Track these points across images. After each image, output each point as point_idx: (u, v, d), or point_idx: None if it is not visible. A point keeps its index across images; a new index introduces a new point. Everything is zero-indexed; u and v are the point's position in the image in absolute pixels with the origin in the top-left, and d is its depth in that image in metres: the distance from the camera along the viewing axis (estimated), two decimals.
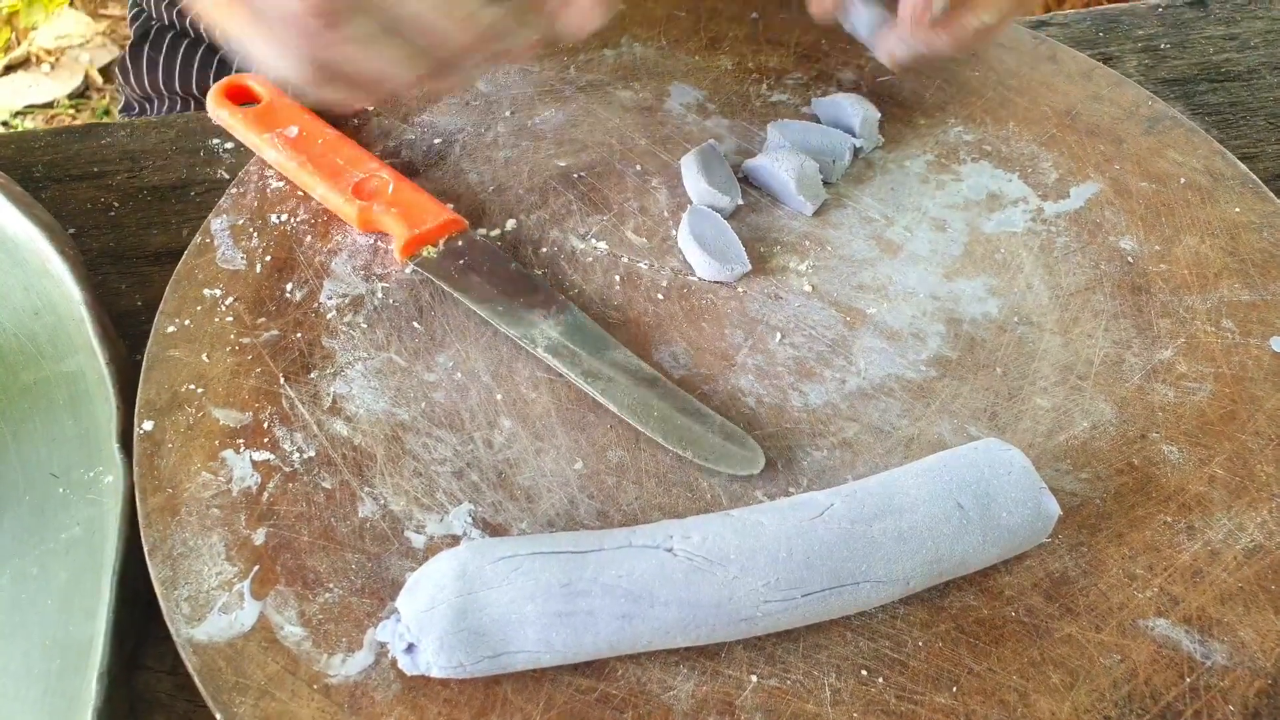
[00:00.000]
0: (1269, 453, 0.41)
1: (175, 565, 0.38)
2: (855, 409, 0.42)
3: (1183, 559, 0.38)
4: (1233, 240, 0.48)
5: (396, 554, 0.38)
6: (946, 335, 0.45)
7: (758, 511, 0.35)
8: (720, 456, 0.40)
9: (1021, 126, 0.53)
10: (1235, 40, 0.66)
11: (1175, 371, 0.43)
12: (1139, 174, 0.51)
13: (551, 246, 0.48)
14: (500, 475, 0.40)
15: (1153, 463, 0.41)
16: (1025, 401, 0.42)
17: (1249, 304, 0.45)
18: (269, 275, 0.47)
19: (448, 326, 0.45)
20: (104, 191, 0.57)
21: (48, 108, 2.00)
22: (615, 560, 0.34)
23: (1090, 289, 0.46)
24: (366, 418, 0.42)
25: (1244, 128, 0.60)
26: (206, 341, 0.44)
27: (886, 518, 0.35)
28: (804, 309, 0.46)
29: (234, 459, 0.41)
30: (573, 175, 0.51)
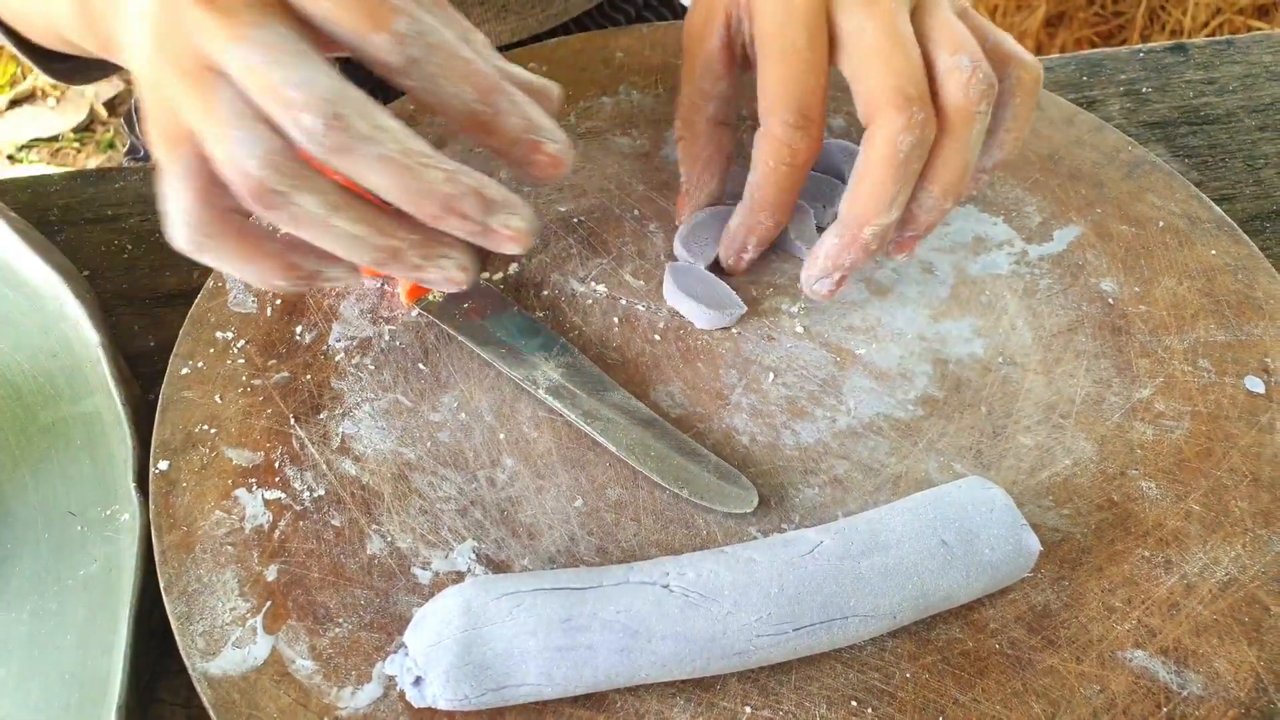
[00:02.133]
0: (1243, 489, 0.42)
1: (190, 601, 0.39)
2: (845, 447, 0.44)
3: (1160, 592, 0.39)
4: (1209, 282, 0.49)
5: (403, 590, 0.40)
6: (933, 375, 0.46)
7: (750, 548, 0.37)
8: (715, 495, 0.42)
9: (1006, 171, 0.55)
10: (1214, 84, 0.68)
11: (1154, 410, 0.45)
12: (1119, 217, 0.52)
13: (552, 289, 0.50)
14: (503, 513, 0.42)
15: (1132, 499, 0.42)
16: (1009, 440, 0.44)
17: (1224, 344, 0.47)
18: (279, 319, 0.48)
19: (452, 368, 0.47)
20: (118, 234, 0.59)
21: (52, 141, 2.03)
22: (614, 596, 0.35)
23: (1072, 330, 0.48)
24: (374, 457, 0.44)
25: (1222, 169, 0.62)
26: (219, 383, 0.46)
27: (874, 554, 0.36)
28: (796, 350, 0.47)
29: (246, 498, 0.42)
30: (573, 220, 0.53)
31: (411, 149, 0.35)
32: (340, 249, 0.36)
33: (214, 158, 0.35)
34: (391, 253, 0.36)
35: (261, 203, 0.35)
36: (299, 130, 0.34)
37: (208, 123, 0.35)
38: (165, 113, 0.37)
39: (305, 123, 0.33)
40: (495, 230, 0.36)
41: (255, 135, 0.34)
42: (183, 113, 0.36)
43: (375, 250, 0.36)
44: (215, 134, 0.35)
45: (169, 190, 0.36)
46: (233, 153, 0.34)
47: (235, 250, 0.37)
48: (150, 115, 0.37)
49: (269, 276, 0.37)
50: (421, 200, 0.35)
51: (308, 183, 0.35)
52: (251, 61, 0.34)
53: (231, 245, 0.37)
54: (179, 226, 0.36)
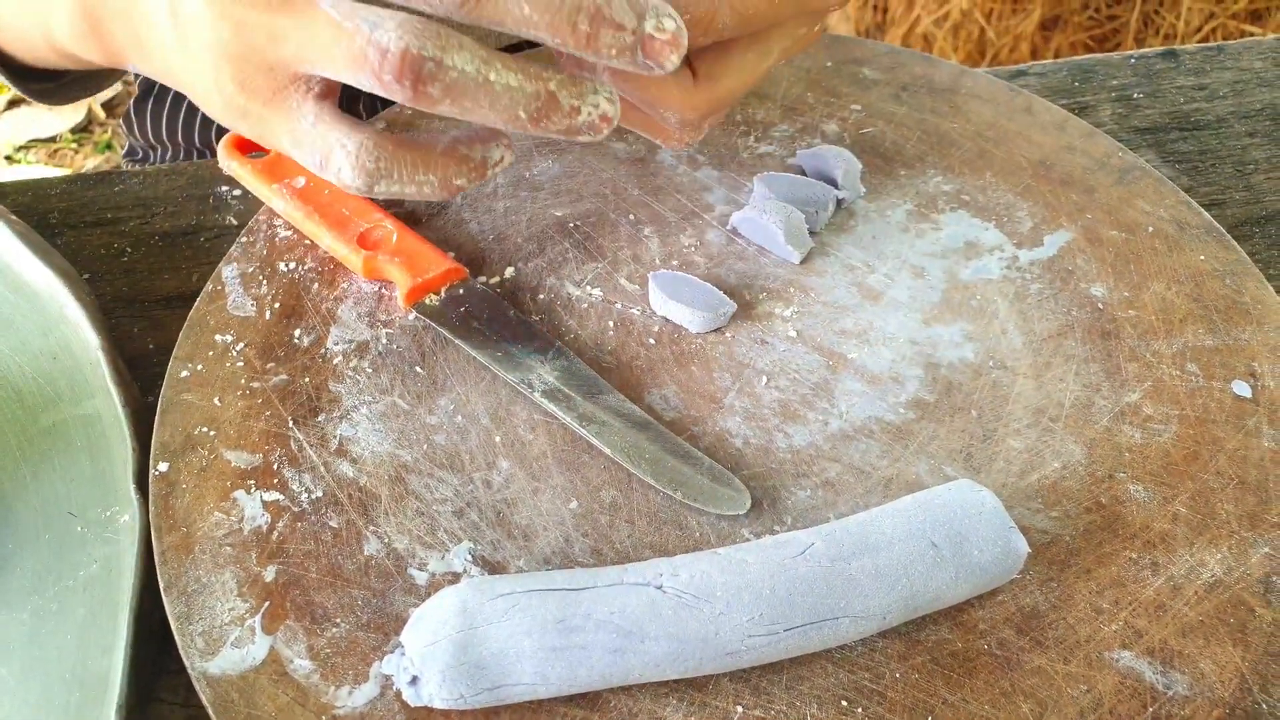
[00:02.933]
0: (1229, 492, 0.43)
1: (190, 602, 0.40)
2: (837, 450, 0.44)
3: (1147, 594, 0.40)
4: (1197, 287, 0.50)
5: (400, 590, 0.40)
6: (924, 379, 0.47)
7: (743, 550, 0.37)
8: (709, 497, 0.42)
9: (998, 177, 0.55)
10: (1204, 90, 0.68)
11: (1142, 414, 0.45)
12: (1109, 223, 0.53)
13: (548, 293, 0.50)
14: (499, 514, 0.42)
15: (1120, 501, 0.43)
16: (999, 443, 0.45)
17: (1212, 349, 0.48)
18: (278, 322, 0.49)
19: (449, 371, 0.47)
20: (117, 237, 0.60)
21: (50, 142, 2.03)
22: (608, 597, 0.36)
23: (1062, 334, 0.48)
24: (371, 459, 0.44)
25: (1212, 175, 0.63)
26: (218, 386, 0.47)
27: (864, 556, 0.37)
28: (789, 353, 0.48)
29: (245, 499, 0.43)
30: (569, 224, 0.53)
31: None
32: (499, 109, 0.35)
33: (343, 65, 0.34)
34: (548, 98, 0.35)
35: (413, 76, 0.33)
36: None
37: (318, 39, 0.34)
38: (256, 69, 0.36)
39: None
40: (650, 36, 0.35)
41: (380, 14, 0.34)
42: (281, 50, 0.35)
43: (532, 98, 0.35)
44: (333, 41, 0.34)
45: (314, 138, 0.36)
46: (365, 40, 0.33)
47: (410, 163, 0.37)
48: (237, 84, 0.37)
49: (450, 178, 0.38)
50: (574, 16, 0.33)
51: (454, 39, 0.34)
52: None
53: (404, 160, 0.37)
54: (346, 168, 0.36)
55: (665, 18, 0.35)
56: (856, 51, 0.63)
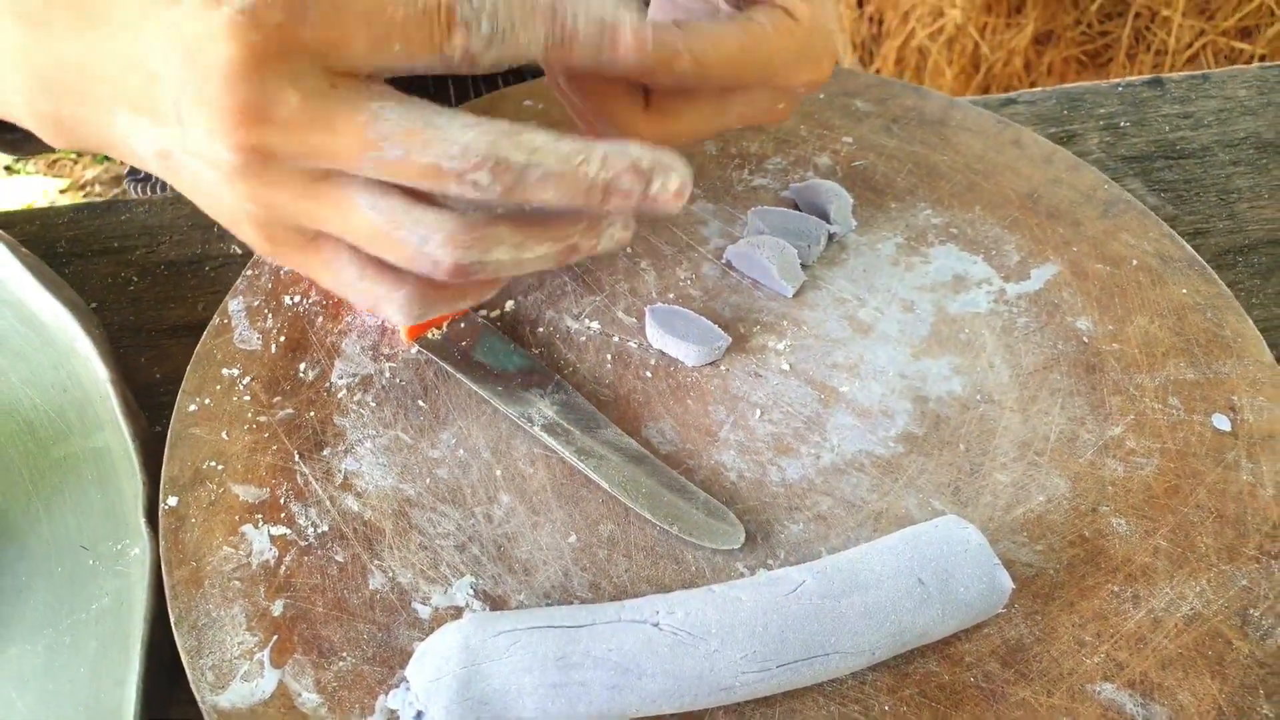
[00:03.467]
0: (1208, 525, 0.44)
1: (200, 635, 0.41)
2: (829, 484, 0.46)
3: (1128, 626, 0.41)
4: (1180, 321, 0.51)
5: (404, 624, 0.41)
6: (914, 413, 0.48)
7: (737, 588, 0.39)
8: (704, 532, 0.43)
9: (986, 210, 0.57)
10: (1190, 119, 0.70)
11: (1125, 447, 0.47)
12: (1095, 256, 0.54)
13: (547, 326, 0.52)
14: (499, 548, 0.44)
15: (1102, 535, 0.44)
16: (986, 477, 0.46)
17: (1193, 382, 0.49)
18: (283, 355, 0.50)
19: (451, 405, 0.48)
20: (124, 266, 0.61)
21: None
22: (605, 634, 0.37)
23: (1048, 368, 0.50)
24: (375, 493, 0.45)
25: (1197, 204, 0.64)
26: (226, 420, 0.48)
27: (854, 594, 0.38)
28: (782, 387, 0.49)
29: (253, 533, 0.44)
30: None
31: (564, 153, 0.36)
32: (531, 270, 0.39)
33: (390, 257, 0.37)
34: (572, 250, 0.39)
35: (461, 277, 0.37)
36: (470, 189, 0.35)
37: (357, 230, 0.36)
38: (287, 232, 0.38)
39: (478, 180, 0.35)
40: (655, 197, 0.37)
41: (425, 225, 0.36)
42: (308, 223, 0.37)
43: (560, 255, 0.39)
44: (376, 239, 0.36)
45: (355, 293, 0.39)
46: (414, 253, 0.36)
47: (451, 299, 0.40)
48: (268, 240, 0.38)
49: (485, 295, 0.42)
50: (588, 196, 0.36)
51: (492, 238, 0.37)
52: (393, 159, 0.34)
53: (447, 298, 0.40)
54: (395, 315, 0.39)
55: (670, 177, 0.37)
56: (848, 83, 0.64)
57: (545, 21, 0.37)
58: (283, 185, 0.36)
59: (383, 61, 0.35)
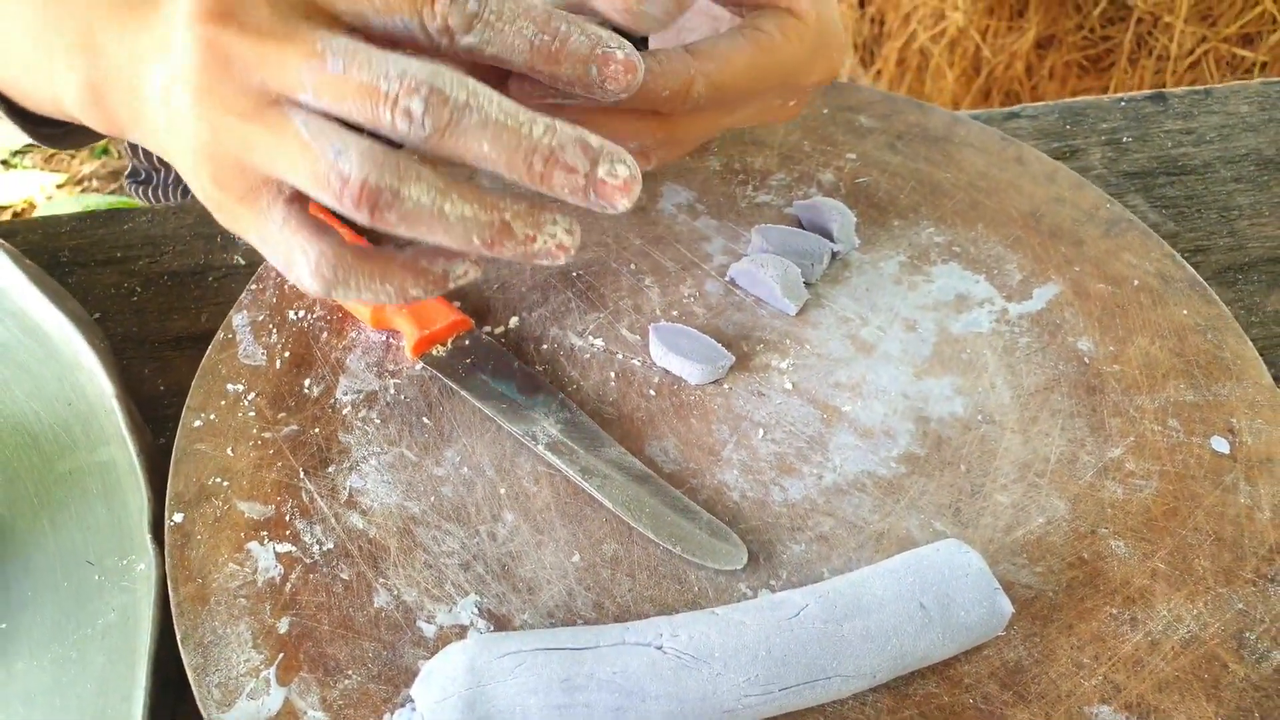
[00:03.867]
0: (1206, 548, 0.45)
1: (206, 653, 0.41)
2: (831, 504, 0.46)
3: (1125, 649, 0.42)
4: (1180, 342, 0.52)
5: (409, 643, 0.42)
6: (915, 433, 0.48)
7: (740, 611, 0.39)
8: (707, 552, 0.44)
9: (989, 228, 0.57)
10: (1192, 134, 0.70)
11: (1124, 469, 0.47)
12: (1097, 276, 0.55)
13: (552, 343, 0.52)
14: (504, 567, 0.44)
15: (1101, 557, 0.44)
16: (987, 498, 0.46)
17: (1193, 404, 0.49)
18: (288, 371, 0.50)
19: (455, 422, 0.49)
20: (127, 276, 0.61)
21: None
22: (610, 657, 0.38)
23: (1049, 388, 0.50)
24: (380, 511, 0.46)
25: (1198, 220, 0.64)
26: (231, 436, 0.48)
27: (855, 618, 0.39)
28: (785, 406, 0.49)
29: (259, 550, 0.44)
30: (571, 274, 0.55)
31: (508, 108, 0.35)
32: (453, 236, 0.36)
33: (307, 183, 0.36)
34: (501, 228, 0.37)
35: (370, 204, 0.35)
36: (401, 118, 0.34)
37: (287, 153, 0.36)
38: (231, 170, 0.38)
39: (410, 107, 0.34)
40: (602, 181, 0.36)
41: (346, 140, 0.35)
42: (252, 157, 0.37)
43: (486, 227, 0.36)
44: (300, 158, 0.36)
45: (278, 242, 0.38)
46: (329, 166, 0.35)
47: (368, 274, 0.38)
48: (215, 176, 0.38)
49: (406, 289, 0.39)
50: (529, 157, 0.35)
51: (412, 170, 0.35)
52: (335, 71, 0.35)
53: (362, 271, 0.38)
54: (305, 274, 0.37)
55: (619, 164, 0.36)
56: (852, 98, 0.64)
57: (537, 23, 0.37)
58: (231, 103, 0.36)
59: (362, 8, 0.36)
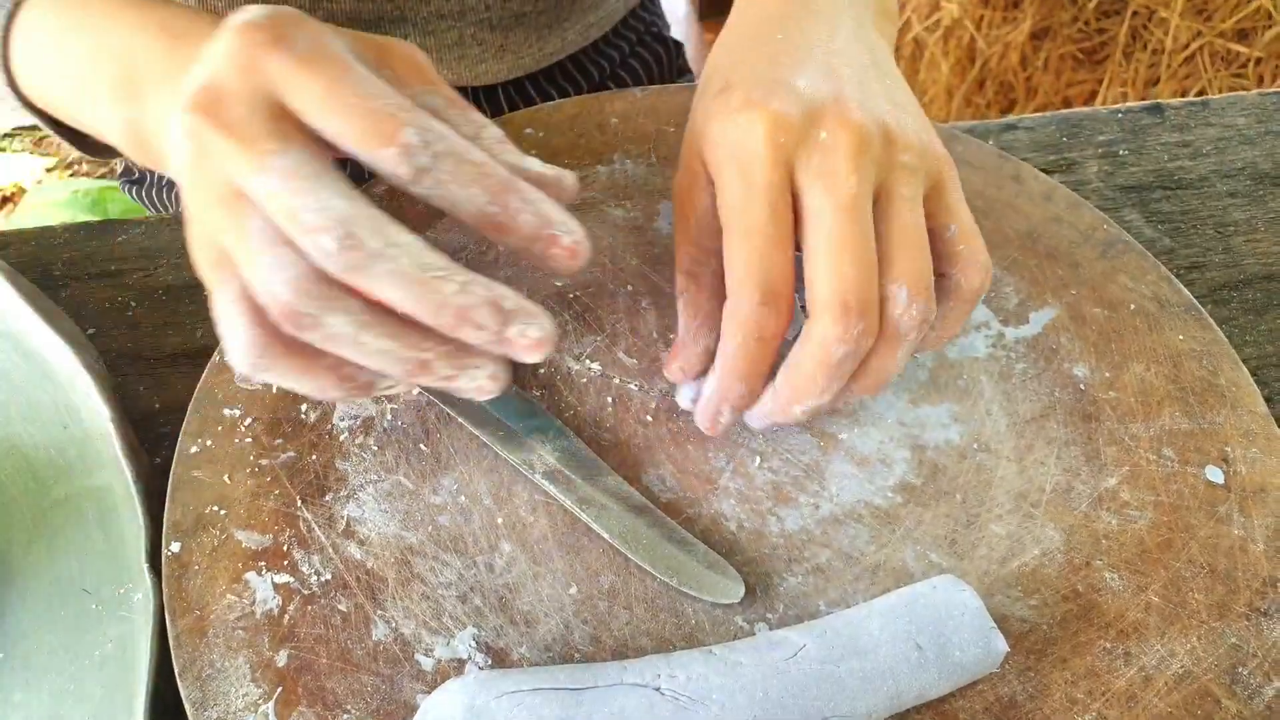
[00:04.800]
0: (1200, 581, 0.45)
1: (204, 687, 0.41)
2: (827, 535, 0.46)
3: (1119, 684, 0.42)
4: (1175, 368, 0.52)
5: (408, 676, 0.42)
6: (911, 461, 0.49)
7: (737, 651, 0.39)
8: (704, 585, 0.44)
9: (988, 249, 0.57)
10: (1188, 147, 0.70)
11: (1119, 499, 0.47)
12: (1093, 299, 0.55)
13: (548, 367, 0.52)
14: (501, 599, 0.44)
15: (1096, 589, 0.45)
16: (982, 529, 0.46)
17: (1188, 432, 0.49)
18: (284, 396, 0.50)
19: (452, 449, 0.49)
20: (121, 290, 0.61)
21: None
22: (608, 698, 0.38)
23: (1045, 416, 0.50)
24: (378, 540, 0.46)
25: (1194, 236, 0.64)
26: (228, 463, 0.48)
27: (853, 658, 0.39)
28: (781, 433, 0.49)
29: (256, 581, 0.44)
30: (568, 295, 0.54)
31: (425, 262, 0.36)
32: (373, 363, 0.38)
33: (249, 283, 0.37)
34: (421, 365, 0.38)
35: (293, 324, 0.37)
36: (317, 251, 0.36)
37: (241, 248, 0.37)
38: (207, 238, 0.39)
39: (322, 243, 0.35)
40: (512, 340, 0.37)
41: (282, 260, 0.36)
42: (221, 238, 0.38)
43: (404, 362, 0.38)
44: (248, 259, 0.37)
45: (221, 316, 0.38)
46: (264, 278, 0.36)
47: (292, 368, 0.38)
48: (195, 240, 0.40)
49: (327, 389, 0.39)
50: (437, 312, 0.37)
51: (335, 303, 0.37)
52: (272, 188, 0.36)
53: (288, 364, 0.38)
54: (235, 351, 0.38)
55: (530, 326, 0.37)
56: None
57: (490, 192, 0.38)
58: (208, 187, 0.38)
59: (323, 127, 0.37)
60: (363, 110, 0.37)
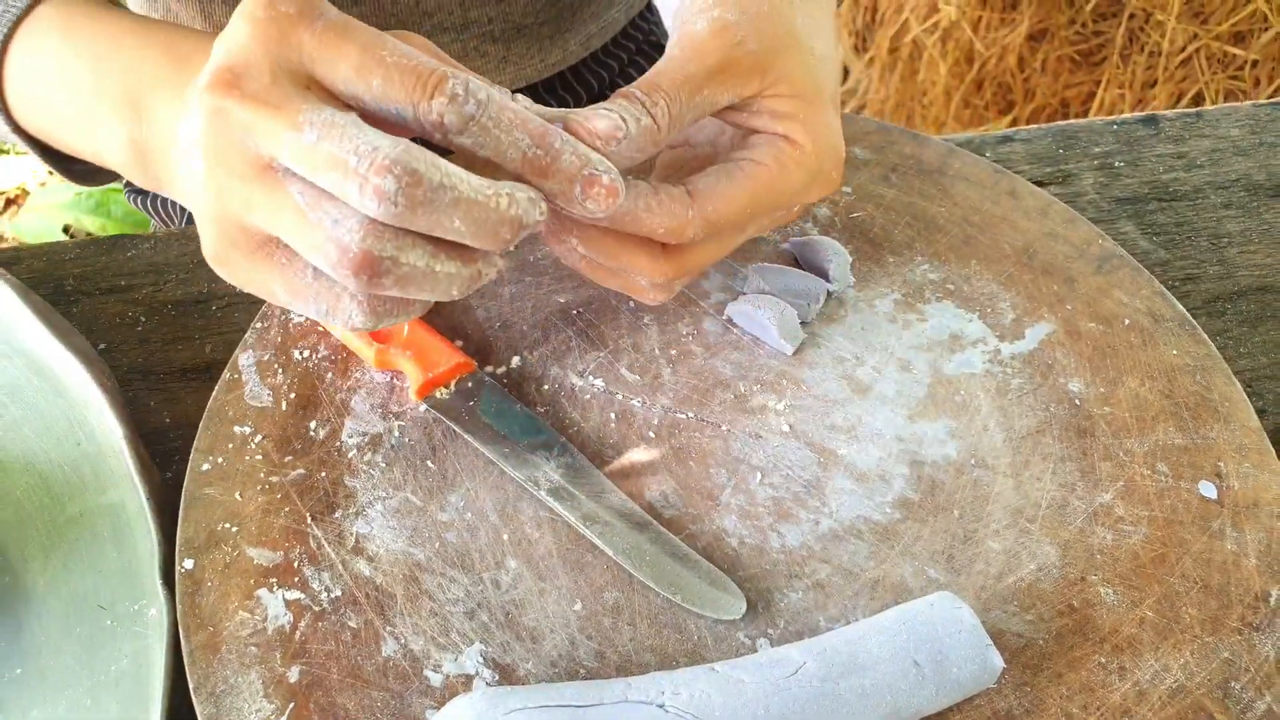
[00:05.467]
0: (1193, 595, 0.46)
1: (218, 703, 0.42)
2: (827, 550, 0.47)
3: (1114, 699, 0.43)
4: (1170, 383, 0.53)
5: (417, 692, 0.43)
6: (909, 477, 0.49)
7: (739, 668, 0.40)
8: (706, 601, 0.45)
9: (983, 265, 0.58)
10: (1183, 159, 0.71)
11: (1114, 515, 0.48)
12: (1088, 314, 0.56)
13: (553, 384, 0.53)
14: (507, 615, 0.45)
15: (1091, 604, 0.46)
16: (979, 545, 0.47)
17: (1181, 447, 0.50)
18: (294, 413, 0.51)
19: (459, 466, 0.49)
20: (130, 305, 0.61)
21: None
22: (613, 715, 0.39)
23: (1040, 431, 0.51)
24: (387, 557, 0.46)
25: (1188, 248, 0.65)
26: (239, 480, 0.49)
27: (852, 676, 0.40)
28: (782, 449, 0.50)
29: (268, 598, 0.45)
30: (571, 311, 0.55)
31: (476, 184, 0.38)
32: (438, 291, 0.40)
33: (304, 248, 0.38)
34: (476, 276, 0.41)
35: (369, 273, 0.37)
36: (374, 196, 0.36)
37: (283, 219, 0.38)
38: (236, 229, 0.39)
39: (382, 186, 0.36)
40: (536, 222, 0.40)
41: (342, 212, 0.37)
42: (253, 217, 0.39)
43: (467, 280, 0.40)
44: (296, 225, 0.38)
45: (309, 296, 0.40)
46: (327, 236, 0.37)
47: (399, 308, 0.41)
48: (222, 238, 0.40)
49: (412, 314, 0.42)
50: (497, 228, 0.38)
51: (406, 239, 0.38)
52: (310, 142, 0.36)
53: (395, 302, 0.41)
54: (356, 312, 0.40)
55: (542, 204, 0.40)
56: (847, 129, 0.64)
57: (532, 136, 0.39)
58: (233, 165, 0.38)
59: (360, 90, 0.38)
60: (404, 66, 0.38)
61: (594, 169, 0.40)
